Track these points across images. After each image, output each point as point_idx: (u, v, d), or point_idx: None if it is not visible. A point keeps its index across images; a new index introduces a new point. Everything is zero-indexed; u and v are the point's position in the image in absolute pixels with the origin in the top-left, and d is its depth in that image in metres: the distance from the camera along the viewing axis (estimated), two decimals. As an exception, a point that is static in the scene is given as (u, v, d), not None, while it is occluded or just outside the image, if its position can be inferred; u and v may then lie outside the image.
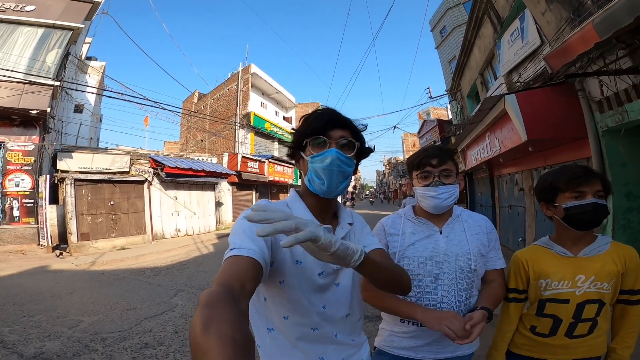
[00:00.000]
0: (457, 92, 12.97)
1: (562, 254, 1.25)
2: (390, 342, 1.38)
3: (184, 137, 24.06)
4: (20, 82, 9.00)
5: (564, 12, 4.64)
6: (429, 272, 1.27)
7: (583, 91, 4.59)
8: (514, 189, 8.00)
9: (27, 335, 3.57)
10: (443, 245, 1.28)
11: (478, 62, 9.62)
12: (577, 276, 1.21)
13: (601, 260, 1.21)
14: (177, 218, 13.33)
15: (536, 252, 1.32)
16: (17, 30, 10.01)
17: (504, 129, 5.79)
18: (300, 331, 0.91)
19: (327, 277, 0.93)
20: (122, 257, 8.75)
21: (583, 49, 2.73)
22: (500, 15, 7.20)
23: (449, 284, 1.27)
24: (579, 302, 1.20)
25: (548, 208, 1.29)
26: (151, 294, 5.24)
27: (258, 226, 0.75)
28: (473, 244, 1.30)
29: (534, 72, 5.71)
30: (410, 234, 1.32)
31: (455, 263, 1.27)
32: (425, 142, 24.39)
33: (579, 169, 1.20)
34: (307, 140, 0.93)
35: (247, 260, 0.70)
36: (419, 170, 1.30)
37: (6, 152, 9.56)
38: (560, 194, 1.21)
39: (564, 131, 4.88)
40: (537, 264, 1.28)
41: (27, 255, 8.70)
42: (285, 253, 0.87)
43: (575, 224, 1.20)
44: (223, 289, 0.58)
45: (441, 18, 16.15)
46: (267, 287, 0.91)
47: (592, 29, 2.54)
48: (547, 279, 1.25)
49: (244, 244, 0.74)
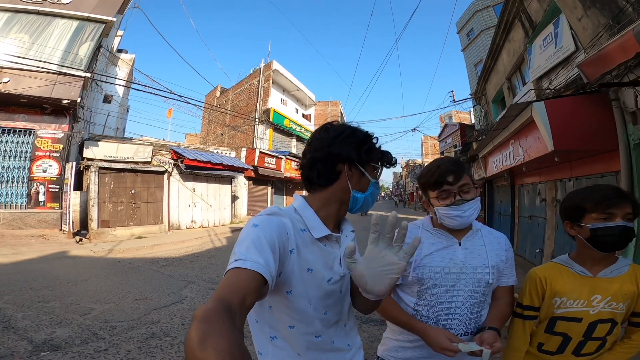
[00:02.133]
0: (482, 97, 12.60)
1: (581, 274, 1.22)
2: (394, 351, 1.36)
3: (204, 130, 24.49)
4: (53, 73, 9.37)
5: (602, 18, 4.39)
6: (445, 283, 1.25)
7: (617, 101, 4.33)
8: (535, 199, 7.71)
9: (40, 321, 3.67)
10: (461, 257, 1.26)
11: (506, 67, 9.30)
12: (593, 296, 1.18)
13: (620, 281, 1.18)
14: (194, 210, 13.58)
15: (554, 269, 1.28)
16: (53, 22, 10.40)
17: (530, 137, 5.57)
18: (305, 340, 0.91)
19: (335, 284, 0.94)
20: (138, 246, 8.99)
21: (623, 58, 2.56)
22: (533, 19, 6.92)
23: (464, 296, 1.24)
24: (591, 321, 1.18)
25: (572, 227, 1.24)
26: (162, 284, 5.33)
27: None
28: (492, 259, 1.28)
29: (565, 79, 5.45)
30: (429, 245, 1.29)
31: (473, 276, 1.25)
32: (446, 145, 23.92)
33: (609, 190, 1.16)
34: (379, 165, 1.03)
35: (251, 273, 0.69)
36: (437, 190, 1.25)
37: (36, 139, 9.98)
38: (587, 214, 1.17)
39: (593, 142, 4.63)
40: (554, 282, 1.25)
41: (49, 240, 9.06)
42: (294, 263, 0.86)
43: (600, 245, 1.16)
44: (220, 305, 0.57)
45: (469, 20, 15.79)
46: (273, 297, 0.89)
47: (633, 37, 2.37)
48: (562, 297, 1.22)
49: (250, 255, 0.72)
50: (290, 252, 0.85)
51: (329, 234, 0.94)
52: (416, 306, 1.27)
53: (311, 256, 0.90)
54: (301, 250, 0.88)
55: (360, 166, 0.97)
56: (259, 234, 0.77)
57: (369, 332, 3.64)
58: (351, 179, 0.98)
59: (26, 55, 9.29)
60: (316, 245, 0.92)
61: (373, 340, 3.44)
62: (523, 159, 6.03)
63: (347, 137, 0.98)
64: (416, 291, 1.28)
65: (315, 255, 0.91)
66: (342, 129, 1.00)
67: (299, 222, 0.92)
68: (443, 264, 1.25)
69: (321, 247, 0.93)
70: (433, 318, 1.24)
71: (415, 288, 1.28)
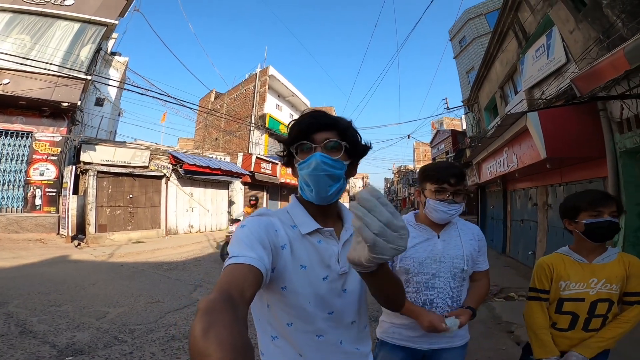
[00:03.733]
0: (475, 104, 12.97)
1: (579, 261, 1.52)
2: (390, 333, 1.55)
3: (199, 134, 24.43)
4: (54, 75, 9.32)
5: (592, 32, 4.68)
6: (427, 271, 1.46)
7: (605, 111, 4.63)
8: (527, 203, 8.01)
9: (57, 325, 3.68)
10: (440, 248, 1.48)
11: (499, 76, 9.65)
12: (591, 279, 1.47)
13: (611, 266, 1.48)
14: (191, 214, 13.60)
15: (558, 258, 1.58)
16: (55, 24, 10.31)
17: (523, 145, 5.84)
18: (305, 338, 0.89)
19: (333, 283, 0.91)
20: (138, 250, 9.00)
21: (613, 75, 2.81)
22: (527, 30, 7.25)
23: (444, 282, 1.46)
24: (592, 300, 1.46)
25: (570, 223, 1.55)
26: (171, 288, 5.41)
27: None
28: (466, 248, 1.50)
29: (557, 89, 5.75)
30: (412, 238, 1.48)
31: (450, 264, 1.47)
32: (438, 152, 24.35)
33: (599, 194, 1.50)
34: (292, 146, 0.93)
35: (246, 267, 0.70)
36: (437, 184, 1.44)
37: (34, 142, 9.91)
38: (581, 212, 1.48)
39: (583, 150, 4.93)
40: (559, 267, 1.54)
41: (47, 244, 8.99)
42: (286, 258, 0.86)
43: (592, 237, 1.47)
44: (222, 296, 0.58)
45: (461, 28, 16.13)
46: (270, 294, 0.89)
47: (624, 56, 2.62)
48: (567, 281, 1.51)
49: (242, 252, 0.74)
50: (282, 248, 0.86)
51: (319, 229, 0.92)
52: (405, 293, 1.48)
53: (304, 253, 0.89)
54: (294, 246, 0.89)
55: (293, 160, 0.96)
56: (247, 233, 0.81)
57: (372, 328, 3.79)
58: (296, 174, 0.97)
59: (27, 57, 9.19)
60: (307, 241, 0.91)
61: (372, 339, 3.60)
62: (517, 165, 6.30)
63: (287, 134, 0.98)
64: (403, 280, 1.47)
65: (308, 251, 0.90)
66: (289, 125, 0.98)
67: (288, 220, 0.93)
68: (425, 255, 1.46)
69: (314, 243, 0.91)
70: (420, 302, 1.46)
71: (403, 277, 1.48)
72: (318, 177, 0.87)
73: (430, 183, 1.47)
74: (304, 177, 0.90)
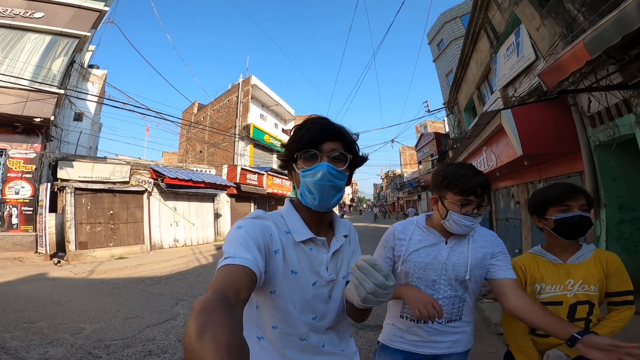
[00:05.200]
0: (455, 106, 13.21)
1: (553, 261, 1.42)
2: (392, 336, 1.47)
3: (183, 147, 24.16)
4: (25, 90, 9.04)
5: (557, 27, 4.81)
6: (427, 277, 1.36)
7: (575, 106, 4.73)
8: (510, 202, 8.11)
9: (30, 341, 3.58)
10: (445, 255, 1.36)
11: (475, 76, 9.83)
12: (567, 280, 1.36)
13: (586, 265, 1.38)
14: (176, 229, 13.32)
15: (531, 258, 1.46)
16: (25, 36, 10.06)
17: (500, 144, 5.91)
18: (288, 341, 0.91)
19: (322, 288, 0.94)
20: (121, 266, 8.73)
21: (575, 66, 2.87)
22: (497, 30, 7.40)
23: (444, 289, 1.36)
24: (571, 303, 1.34)
25: (539, 220, 1.45)
26: (152, 302, 5.24)
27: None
28: (473, 256, 1.35)
29: (529, 86, 5.89)
30: (417, 241, 1.39)
31: (452, 272, 1.34)
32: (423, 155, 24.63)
33: (566, 186, 1.39)
34: (298, 153, 0.92)
35: (242, 268, 0.71)
36: (462, 196, 1.28)
37: (7, 160, 9.60)
38: (550, 207, 1.38)
39: (558, 146, 4.99)
40: (532, 269, 1.42)
41: (25, 263, 8.67)
42: (278, 263, 0.87)
43: (564, 233, 1.37)
44: (217, 296, 0.58)
45: (438, 31, 16.43)
46: (259, 296, 0.91)
47: (584, 47, 2.68)
48: (541, 283, 1.39)
49: (238, 252, 0.74)
50: (275, 253, 0.87)
51: (312, 237, 0.93)
52: None
53: (296, 259, 0.91)
54: (286, 252, 0.90)
55: (293, 164, 0.96)
56: (243, 234, 0.80)
57: (366, 338, 3.73)
58: (293, 179, 0.98)
59: None
60: (300, 248, 0.92)
61: (371, 344, 3.54)
62: (496, 164, 6.36)
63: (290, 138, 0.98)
64: (404, 282, 1.39)
65: (300, 258, 0.92)
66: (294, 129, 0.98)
67: (283, 225, 0.93)
68: (427, 260, 1.36)
69: (306, 250, 0.93)
70: None
71: (403, 281, 1.39)
72: (323, 187, 0.89)
73: (453, 193, 1.29)
74: (307, 185, 0.90)
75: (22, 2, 10.20)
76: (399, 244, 1.41)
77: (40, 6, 10.34)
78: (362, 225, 26.16)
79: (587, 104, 4.38)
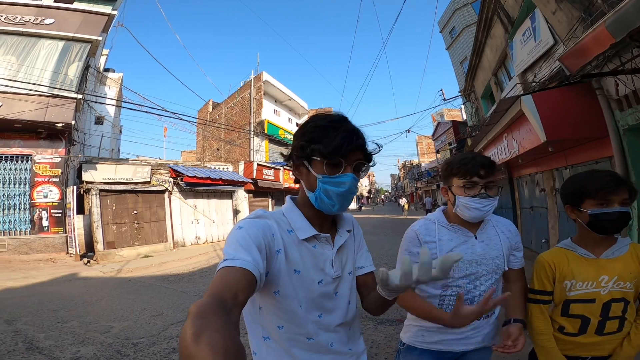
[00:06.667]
0: (471, 93, 12.86)
1: (585, 256, 1.30)
2: (420, 337, 1.45)
3: (200, 146, 24.59)
4: (44, 96, 9.30)
5: (574, 11, 4.58)
6: (468, 275, 1.34)
7: (601, 89, 4.51)
8: (535, 189, 7.85)
9: (63, 340, 3.75)
10: (480, 250, 1.35)
11: (491, 63, 9.54)
12: (600, 277, 1.25)
13: (622, 261, 1.26)
14: (197, 226, 13.63)
15: (560, 254, 1.36)
16: (38, 43, 10.27)
17: (522, 130, 5.72)
18: (295, 341, 0.90)
19: (327, 286, 0.93)
20: (146, 265, 9.04)
21: (599, 50, 2.73)
22: (510, 15, 7.14)
23: (486, 285, 1.35)
24: (605, 301, 1.24)
25: (573, 211, 1.32)
26: (176, 300, 5.41)
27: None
28: (505, 247, 1.38)
29: (549, 71, 5.65)
30: (448, 241, 1.36)
31: (492, 265, 1.35)
32: (440, 144, 24.17)
33: (607, 178, 1.22)
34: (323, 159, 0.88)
35: (241, 271, 0.70)
36: (465, 178, 1.28)
37: (34, 165, 10.03)
38: (586, 199, 1.24)
39: (584, 131, 4.78)
40: (562, 265, 1.32)
41: (57, 263, 9.08)
42: (281, 263, 0.86)
43: (598, 229, 1.24)
44: (214, 300, 0.58)
45: (450, 19, 16.01)
46: (262, 297, 0.90)
47: (605, 29, 2.54)
48: (572, 280, 1.29)
49: (237, 254, 0.73)
50: (277, 253, 0.86)
51: (316, 234, 0.93)
52: (442, 296, 1.37)
53: (299, 257, 0.90)
54: (289, 251, 0.88)
55: (306, 162, 0.91)
56: (244, 235, 0.79)
57: (385, 332, 3.73)
58: (303, 177, 0.94)
59: (15, 78, 9.15)
60: (303, 246, 0.91)
61: (390, 339, 3.54)
62: (518, 151, 6.17)
63: (299, 130, 0.95)
64: (441, 284, 1.36)
65: (304, 256, 0.91)
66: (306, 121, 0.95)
67: (285, 224, 0.92)
68: (466, 258, 1.33)
69: (309, 248, 0.92)
70: None
71: (440, 282, 1.35)
72: (345, 197, 0.89)
73: (457, 178, 1.31)
74: (327, 192, 0.88)
75: (31, 9, 10.39)
76: (428, 247, 1.36)
77: (50, 12, 10.54)
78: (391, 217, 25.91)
79: (614, 87, 4.15)
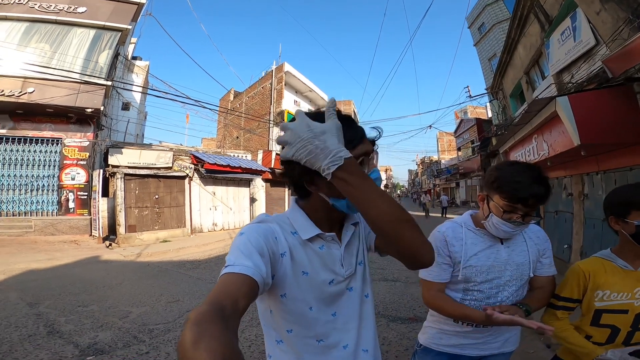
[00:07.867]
0: (499, 91, 12.40)
1: (623, 267, 1.27)
2: (438, 339, 1.45)
3: (220, 134, 24.88)
4: (76, 82, 9.68)
5: (621, 12, 4.32)
6: (491, 280, 1.33)
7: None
8: (561, 193, 7.55)
9: (82, 325, 3.85)
10: (505, 256, 1.33)
11: (523, 61, 9.15)
12: (636, 289, 1.24)
13: None
14: (215, 213, 13.87)
15: (598, 263, 1.33)
16: (71, 31, 10.69)
17: (554, 132, 5.49)
18: (304, 344, 0.89)
19: (339, 285, 0.91)
20: (164, 250, 9.28)
21: (649, 53, 2.53)
22: (549, 13, 6.81)
23: (509, 291, 1.33)
24: (637, 312, 1.24)
25: (617, 222, 1.27)
26: (192, 287, 5.52)
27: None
28: (532, 254, 1.35)
29: (587, 72, 5.35)
30: (472, 244, 1.35)
31: (516, 272, 1.33)
32: (463, 141, 23.58)
33: None
34: None
35: (241, 277, 0.69)
36: (509, 202, 1.20)
37: (63, 148, 10.42)
38: (634, 211, 1.20)
39: (620, 135, 4.54)
40: (598, 276, 1.29)
41: (81, 246, 9.45)
42: (286, 266, 0.84)
43: None
44: (213, 307, 0.58)
45: (479, 15, 15.62)
46: (271, 300, 0.89)
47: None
48: (605, 290, 1.27)
49: (238, 260, 0.72)
50: (282, 256, 0.84)
51: (320, 234, 0.89)
52: (462, 302, 1.35)
53: (306, 258, 0.88)
54: (294, 253, 0.87)
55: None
56: (245, 241, 0.78)
57: (397, 330, 3.69)
58: (321, 189, 0.86)
59: (49, 65, 9.56)
60: (309, 247, 0.89)
61: (402, 337, 3.50)
62: (548, 153, 5.94)
63: None
64: (462, 288, 1.35)
65: (310, 257, 0.89)
66: None
67: (288, 226, 0.90)
68: (489, 263, 1.32)
69: (315, 249, 0.89)
70: None
71: (462, 285, 1.35)
72: None
73: (500, 197, 1.21)
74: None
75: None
76: (455, 250, 1.36)
77: (83, 1, 10.90)
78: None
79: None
